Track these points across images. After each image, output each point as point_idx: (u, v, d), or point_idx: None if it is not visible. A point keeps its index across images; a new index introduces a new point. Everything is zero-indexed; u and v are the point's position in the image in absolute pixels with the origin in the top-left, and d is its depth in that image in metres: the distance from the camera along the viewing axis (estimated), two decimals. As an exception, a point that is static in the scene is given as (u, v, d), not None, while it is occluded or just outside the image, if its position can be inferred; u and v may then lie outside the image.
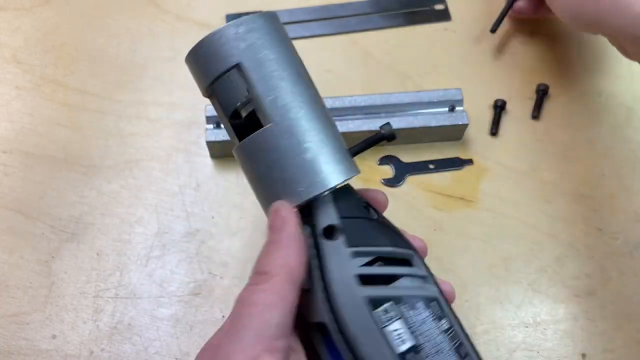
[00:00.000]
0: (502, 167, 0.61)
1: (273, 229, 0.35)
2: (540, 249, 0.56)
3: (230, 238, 0.56)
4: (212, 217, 0.57)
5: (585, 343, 0.52)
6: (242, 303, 0.33)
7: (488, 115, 0.63)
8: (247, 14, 0.69)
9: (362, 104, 0.59)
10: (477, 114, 0.63)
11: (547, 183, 0.60)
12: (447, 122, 0.59)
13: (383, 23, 0.70)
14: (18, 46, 0.66)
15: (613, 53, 0.55)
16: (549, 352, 0.52)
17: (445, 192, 0.59)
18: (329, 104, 0.58)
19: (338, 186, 0.37)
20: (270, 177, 0.37)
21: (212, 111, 0.58)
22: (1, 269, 0.54)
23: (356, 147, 0.40)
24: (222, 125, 0.58)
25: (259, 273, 0.34)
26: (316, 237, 0.35)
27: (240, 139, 0.38)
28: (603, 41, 0.57)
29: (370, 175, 0.60)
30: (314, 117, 0.37)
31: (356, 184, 0.39)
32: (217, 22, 0.68)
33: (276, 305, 0.32)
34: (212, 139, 0.57)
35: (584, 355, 0.52)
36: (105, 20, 0.68)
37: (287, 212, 0.35)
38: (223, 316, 0.53)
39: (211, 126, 0.58)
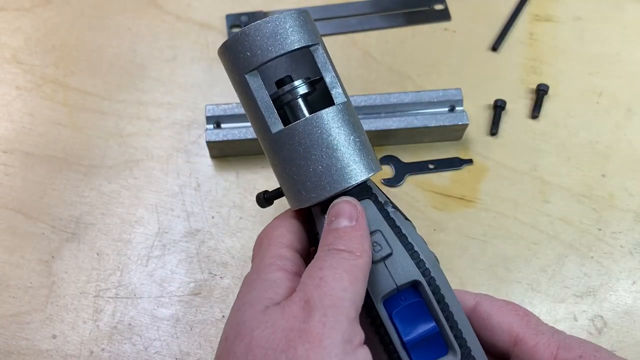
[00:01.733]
0: (502, 167, 0.61)
1: (349, 217, 0.36)
2: (540, 249, 0.56)
3: (230, 238, 0.56)
4: (212, 217, 0.57)
5: (585, 343, 0.52)
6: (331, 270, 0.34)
7: (488, 115, 0.64)
8: (247, 14, 0.69)
9: (362, 104, 0.59)
10: (477, 114, 0.63)
11: (547, 183, 0.60)
12: (447, 122, 0.59)
13: (383, 23, 0.70)
14: (18, 46, 0.67)
15: (613, 53, 0.55)
16: (548, 351, 0.52)
17: (445, 192, 0.59)
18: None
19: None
20: (326, 157, 0.36)
21: (212, 111, 0.58)
22: (1, 269, 0.54)
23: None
24: (222, 125, 0.58)
25: (344, 251, 0.34)
26: (386, 209, 0.37)
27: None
28: (603, 41, 0.57)
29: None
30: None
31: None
32: (217, 22, 0.69)
33: (363, 284, 0.34)
34: (212, 139, 0.57)
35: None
36: (105, 20, 0.68)
37: (357, 203, 0.36)
38: (223, 316, 0.53)
39: (211, 126, 0.58)
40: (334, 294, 0.32)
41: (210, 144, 0.58)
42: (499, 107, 0.63)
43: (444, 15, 0.70)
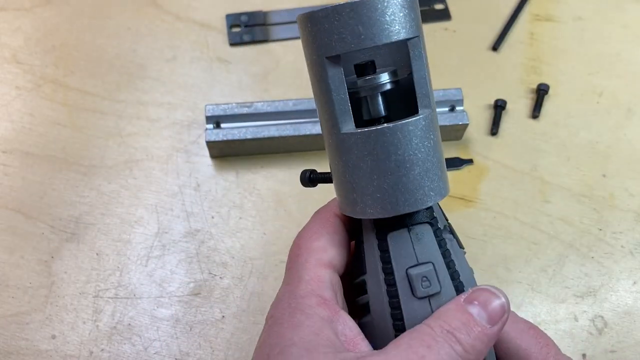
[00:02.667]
0: (502, 167, 0.61)
1: (492, 319, 0.31)
2: (540, 249, 0.56)
3: (230, 238, 0.56)
4: (212, 217, 0.57)
5: (585, 343, 0.52)
6: None
7: (488, 115, 0.63)
8: (247, 14, 0.69)
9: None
10: (477, 114, 0.63)
11: (547, 183, 0.60)
12: (447, 122, 0.59)
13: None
14: (18, 46, 0.66)
15: (613, 53, 0.55)
16: (549, 352, 0.52)
17: (445, 192, 0.59)
18: (329, 104, 0.58)
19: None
20: (396, 175, 0.31)
21: (212, 111, 0.58)
22: (1, 269, 0.54)
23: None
24: (222, 125, 0.58)
25: (461, 345, 0.30)
26: (444, 237, 0.34)
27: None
28: (603, 41, 0.57)
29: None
30: None
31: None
32: (217, 22, 0.69)
33: None
34: (212, 139, 0.57)
35: (584, 355, 0.52)
36: (105, 20, 0.68)
37: (509, 307, 0.33)
38: (223, 316, 0.53)
39: (211, 126, 0.58)
40: None
41: (210, 144, 0.58)
42: (499, 107, 0.63)
43: (444, 15, 0.70)
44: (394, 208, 0.31)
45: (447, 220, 0.35)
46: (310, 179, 0.37)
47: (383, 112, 0.34)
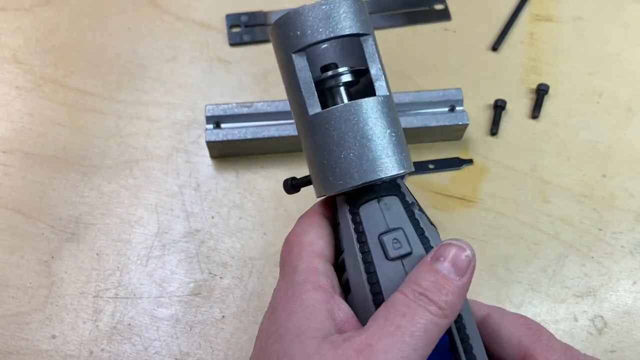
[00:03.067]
0: (502, 167, 0.61)
1: (460, 269, 0.32)
2: (540, 249, 0.56)
3: (230, 238, 0.56)
4: (212, 217, 0.57)
5: (585, 343, 0.52)
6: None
7: (488, 115, 0.63)
8: (247, 14, 0.69)
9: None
10: (477, 114, 0.63)
11: (547, 183, 0.60)
12: (447, 122, 0.59)
13: (383, 23, 0.70)
14: (18, 46, 0.66)
15: (613, 53, 0.55)
16: (549, 352, 0.52)
17: (446, 192, 0.59)
18: (329, 104, 0.59)
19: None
20: (359, 145, 0.35)
21: (212, 111, 0.58)
22: (1, 269, 0.54)
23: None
24: (222, 125, 0.58)
25: (435, 304, 0.31)
26: (412, 209, 0.36)
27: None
28: (603, 41, 0.57)
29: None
30: None
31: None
32: (217, 22, 0.69)
33: (433, 345, 0.31)
34: (212, 139, 0.57)
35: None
36: (105, 20, 0.68)
37: (474, 257, 0.33)
38: (223, 316, 0.53)
39: (211, 126, 0.58)
40: (404, 350, 0.29)
41: (210, 144, 0.58)
42: (499, 107, 0.63)
43: (444, 15, 0.70)
44: (360, 177, 0.35)
45: (415, 200, 0.37)
46: (292, 185, 0.41)
47: (347, 102, 0.38)
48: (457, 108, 0.60)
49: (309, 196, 0.58)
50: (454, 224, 0.57)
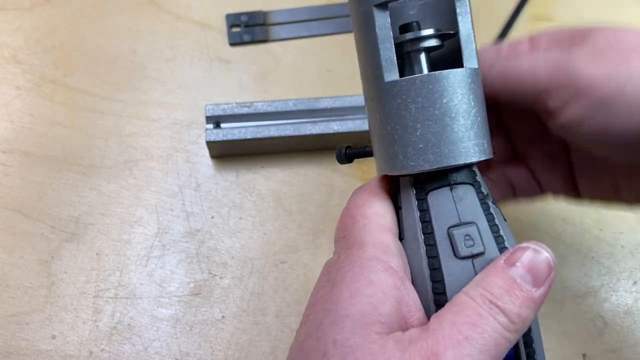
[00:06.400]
0: (502, 167, 0.61)
1: (537, 279, 0.29)
2: (540, 249, 0.56)
3: (230, 238, 0.56)
4: (212, 217, 0.57)
5: (585, 343, 0.52)
6: None
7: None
8: (247, 14, 0.69)
9: (363, 104, 0.59)
10: (477, 114, 0.63)
11: (547, 183, 0.60)
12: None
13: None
14: (18, 46, 0.66)
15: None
16: (549, 352, 0.52)
17: (446, 192, 0.59)
18: (329, 103, 0.59)
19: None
20: (440, 124, 0.31)
21: (212, 111, 0.58)
22: (1, 269, 0.54)
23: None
24: (222, 125, 0.58)
25: (505, 316, 0.28)
26: (487, 202, 0.33)
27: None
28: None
29: (370, 174, 0.60)
30: None
31: (357, 183, 0.39)
32: (217, 22, 0.68)
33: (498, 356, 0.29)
34: (212, 139, 0.57)
35: (584, 355, 0.52)
36: (105, 20, 0.68)
37: (554, 265, 0.30)
38: (223, 316, 0.53)
39: (211, 126, 0.58)
40: None
41: (210, 144, 0.58)
42: (499, 107, 0.63)
43: (444, 15, 0.70)
44: (437, 160, 0.31)
45: (490, 192, 0.33)
46: (346, 155, 0.36)
47: (426, 71, 0.33)
48: (457, 108, 0.60)
49: (311, 198, 0.58)
50: (454, 224, 0.57)
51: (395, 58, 0.31)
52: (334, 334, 0.27)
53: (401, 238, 0.33)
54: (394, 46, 0.31)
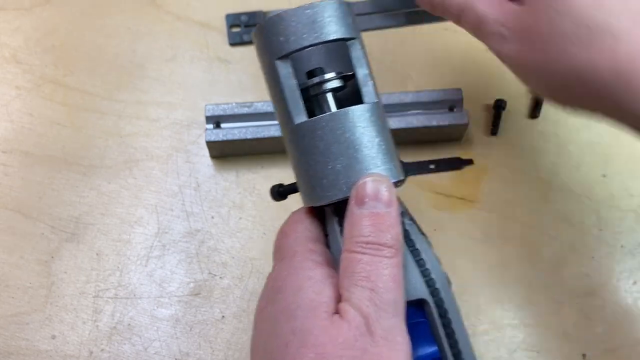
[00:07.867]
0: (503, 167, 0.61)
1: (387, 201, 0.32)
2: (540, 250, 0.56)
3: (230, 238, 0.56)
4: (212, 217, 0.57)
5: (585, 343, 0.52)
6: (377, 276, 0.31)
7: (488, 115, 0.63)
8: (247, 14, 0.69)
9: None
10: (477, 114, 0.63)
11: (547, 183, 0.60)
12: (447, 122, 0.59)
13: (383, 22, 0.70)
14: (18, 46, 0.66)
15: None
16: (549, 352, 0.52)
17: (446, 193, 0.59)
18: (328, 104, 0.59)
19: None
20: (346, 156, 0.34)
21: (212, 111, 0.58)
22: (1, 269, 0.54)
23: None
24: (222, 125, 0.58)
25: (384, 246, 0.31)
26: (402, 219, 0.35)
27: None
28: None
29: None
30: None
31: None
32: (217, 22, 0.68)
33: (401, 281, 0.32)
34: (212, 139, 0.57)
35: (584, 356, 0.52)
36: (105, 20, 0.68)
37: (392, 184, 0.33)
38: (223, 316, 0.53)
39: (211, 126, 0.58)
40: (389, 310, 0.30)
41: (210, 144, 0.58)
42: (499, 107, 0.63)
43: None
44: (349, 188, 0.34)
45: (406, 208, 0.37)
46: (279, 193, 0.40)
47: (334, 109, 0.37)
48: (457, 108, 0.60)
49: (309, 196, 0.58)
50: (455, 225, 0.57)
51: (301, 102, 0.35)
52: (291, 324, 0.31)
53: None
54: (299, 91, 0.35)
